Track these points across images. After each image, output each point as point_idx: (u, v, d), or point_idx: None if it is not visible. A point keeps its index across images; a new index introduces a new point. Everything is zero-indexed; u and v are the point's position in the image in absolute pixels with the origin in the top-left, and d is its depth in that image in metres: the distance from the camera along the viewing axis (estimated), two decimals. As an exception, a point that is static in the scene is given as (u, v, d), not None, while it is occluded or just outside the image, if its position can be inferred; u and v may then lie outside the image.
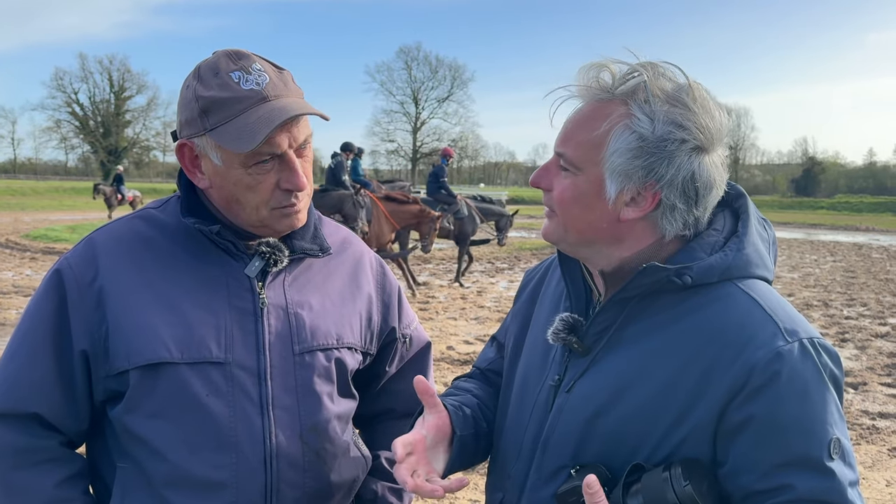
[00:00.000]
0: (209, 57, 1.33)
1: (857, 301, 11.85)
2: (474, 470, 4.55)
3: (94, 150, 76.38)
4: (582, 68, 1.18)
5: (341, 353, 1.45)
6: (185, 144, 1.34)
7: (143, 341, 1.29)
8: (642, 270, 1.13)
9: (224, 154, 1.29)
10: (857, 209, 57.22)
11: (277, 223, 1.36)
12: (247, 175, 1.30)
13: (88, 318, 1.31)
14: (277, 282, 1.41)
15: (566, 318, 1.25)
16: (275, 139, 1.28)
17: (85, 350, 1.32)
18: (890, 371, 7.24)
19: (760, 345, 1.07)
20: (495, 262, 16.49)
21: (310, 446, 1.39)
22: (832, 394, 1.09)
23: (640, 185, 1.14)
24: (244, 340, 1.34)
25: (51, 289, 1.33)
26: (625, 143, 1.12)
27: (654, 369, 1.13)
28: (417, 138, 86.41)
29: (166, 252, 1.37)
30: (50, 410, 1.33)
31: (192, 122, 1.30)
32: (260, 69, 1.30)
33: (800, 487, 1.04)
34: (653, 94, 1.12)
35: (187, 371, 1.30)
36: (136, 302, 1.32)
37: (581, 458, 1.18)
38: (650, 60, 1.17)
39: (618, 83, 1.15)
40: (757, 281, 1.17)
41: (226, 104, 1.26)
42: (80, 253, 1.36)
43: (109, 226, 1.43)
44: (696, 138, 1.12)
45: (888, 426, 5.61)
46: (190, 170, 1.36)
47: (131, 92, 78.20)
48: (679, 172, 1.13)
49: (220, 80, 1.27)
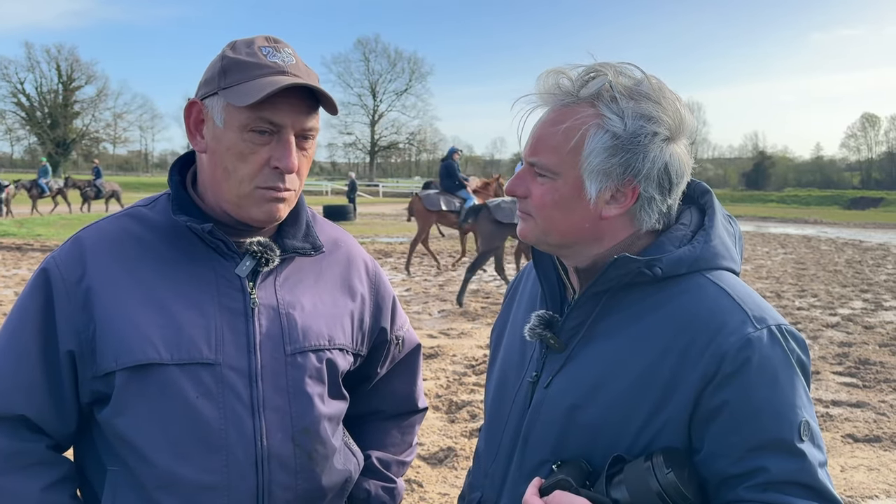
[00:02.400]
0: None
1: (808, 292, 12.20)
2: (442, 463, 4.57)
3: (42, 142, 73.97)
4: (541, 76, 1.21)
5: (333, 355, 1.44)
6: (194, 104, 1.36)
7: (132, 342, 1.27)
8: (613, 262, 1.16)
9: (227, 115, 1.30)
10: (805, 202, 58.76)
11: (257, 207, 1.34)
12: (241, 141, 1.29)
13: (75, 318, 1.29)
14: (268, 281, 1.39)
15: (542, 314, 1.27)
16: (280, 110, 1.29)
17: (72, 350, 1.29)
18: (841, 360, 7.48)
19: (731, 332, 1.11)
20: (456, 256, 16.51)
21: (302, 448, 1.38)
22: (800, 378, 1.13)
23: (619, 182, 1.17)
24: (235, 341, 1.33)
25: (37, 288, 1.31)
26: (600, 143, 1.15)
27: (630, 361, 1.16)
28: (375, 131, 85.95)
29: (156, 251, 1.35)
30: (37, 412, 1.30)
31: (209, 81, 1.33)
32: (290, 53, 1.35)
33: (773, 469, 1.08)
34: (618, 93, 1.15)
35: (177, 372, 1.28)
36: (124, 302, 1.30)
37: (561, 452, 1.21)
38: (604, 61, 1.20)
39: (579, 86, 1.18)
40: (724, 272, 1.21)
41: (246, 67, 1.30)
42: (67, 251, 1.34)
43: (97, 224, 1.40)
44: (667, 129, 1.17)
45: (840, 413, 5.80)
46: (192, 132, 1.37)
47: (80, 82, 76.12)
48: (654, 164, 1.17)
49: (249, 50, 1.33)
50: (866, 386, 6.60)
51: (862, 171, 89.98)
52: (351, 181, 32.18)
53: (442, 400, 5.84)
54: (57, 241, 16.66)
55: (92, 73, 76.99)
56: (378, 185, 59.13)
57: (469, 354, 7.38)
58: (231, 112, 1.30)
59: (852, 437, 5.29)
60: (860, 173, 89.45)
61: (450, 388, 6.18)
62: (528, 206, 1.23)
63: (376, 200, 48.46)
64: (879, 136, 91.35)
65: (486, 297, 10.91)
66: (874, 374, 6.92)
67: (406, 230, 23.51)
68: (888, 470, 4.71)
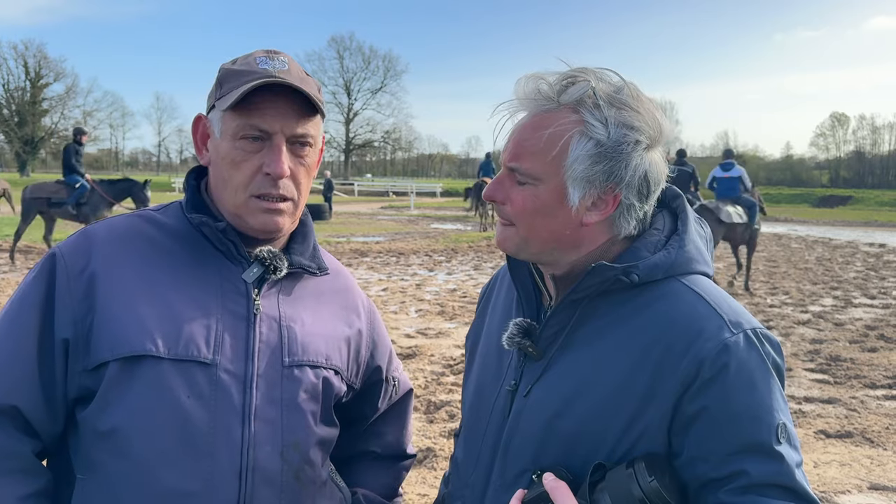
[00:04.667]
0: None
1: (780, 290, 12.39)
2: (422, 464, 4.57)
3: (9, 140, 72.56)
4: (519, 80, 1.20)
5: (329, 374, 1.42)
6: (200, 119, 1.39)
7: (130, 333, 1.25)
8: (591, 270, 1.16)
9: (223, 125, 1.32)
10: (775, 200, 59.52)
11: (254, 217, 1.33)
12: (234, 149, 1.31)
13: (74, 307, 1.27)
14: (272, 293, 1.38)
15: (520, 322, 1.26)
16: (268, 116, 1.29)
17: (66, 339, 1.27)
18: (813, 357, 7.61)
19: (708, 338, 1.12)
20: (433, 255, 16.52)
21: (289, 464, 1.34)
22: (776, 380, 1.14)
23: (601, 190, 1.17)
24: (234, 344, 1.31)
25: (41, 275, 1.30)
26: (584, 150, 1.15)
27: (608, 368, 1.16)
28: (350, 129, 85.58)
29: (163, 249, 1.35)
30: (30, 405, 1.26)
31: (210, 96, 1.37)
32: (284, 60, 1.35)
33: (752, 472, 1.09)
34: (601, 99, 1.15)
35: (170, 368, 1.25)
36: (126, 293, 1.28)
37: (541, 461, 1.20)
38: (583, 67, 1.20)
39: (559, 91, 1.17)
40: (699, 276, 1.22)
41: (237, 76, 1.32)
42: (74, 242, 1.34)
43: (107, 220, 1.41)
44: (648, 137, 1.17)
45: (813, 410, 5.90)
46: (199, 146, 1.40)
47: (48, 79, 74.85)
48: (636, 172, 1.17)
49: (245, 61, 1.35)
50: (837, 382, 6.72)
51: (831, 169, 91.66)
52: (327, 180, 32.03)
53: (420, 400, 5.83)
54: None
55: (60, 70, 75.80)
56: (353, 184, 58.91)
57: (447, 354, 7.37)
58: (225, 121, 1.31)
59: (824, 433, 5.38)
60: (829, 171, 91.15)
61: (428, 388, 6.17)
62: (508, 213, 1.22)
63: (351, 199, 48.31)
64: (848, 136, 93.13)
65: (462, 297, 10.92)
66: (845, 371, 7.05)
67: (382, 229, 23.47)
68: (860, 465, 4.80)
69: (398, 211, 36.44)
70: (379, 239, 19.71)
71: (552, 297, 1.28)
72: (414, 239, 20.24)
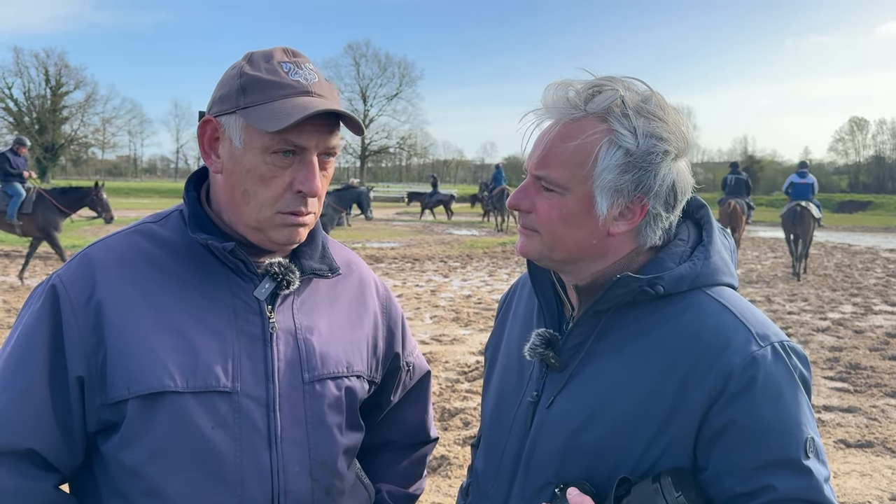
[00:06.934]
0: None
1: (799, 296, 12.25)
2: (436, 472, 4.55)
3: (30, 147, 73.40)
4: (548, 88, 1.19)
5: (351, 382, 1.39)
6: (209, 122, 1.29)
7: (145, 368, 1.20)
8: (616, 281, 1.15)
9: (247, 135, 1.23)
10: (794, 206, 59.06)
11: (277, 232, 1.28)
12: (263, 164, 1.23)
13: (85, 342, 1.21)
14: (286, 305, 1.33)
15: (542, 333, 1.25)
16: (305, 132, 1.23)
17: (81, 376, 1.22)
18: (832, 365, 7.51)
19: (735, 350, 1.10)
20: (448, 261, 16.51)
21: (319, 483, 1.31)
22: (803, 394, 1.13)
23: (629, 199, 1.16)
24: (253, 368, 1.26)
25: (44, 311, 1.23)
26: (613, 159, 1.14)
27: (633, 381, 1.15)
28: (366, 135, 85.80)
29: (169, 270, 1.28)
30: (45, 445, 1.22)
31: (226, 99, 1.26)
32: (312, 69, 1.29)
33: (781, 488, 1.07)
34: (630, 109, 1.14)
35: (191, 401, 1.21)
36: (137, 324, 1.22)
37: (564, 474, 1.19)
38: (609, 75, 1.19)
39: (586, 99, 1.16)
40: (724, 288, 1.20)
41: (268, 86, 1.23)
42: (75, 270, 1.27)
43: (106, 240, 1.33)
44: (675, 147, 1.16)
45: (832, 419, 5.82)
46: (206, 151, 1.30)
47: (68, 87, 75.41)
48: (664, 182, 1.16)
49: (269, 66, 1.25)
50: (857, 391, 6.63)
51: (850, 174, 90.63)
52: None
53: (435, 408, 5.80)
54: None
55: (80, 78, 76.42)
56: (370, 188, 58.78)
57: (462, 361, 7.36)
58: (252, 133, 1.23)
59: (844, 442, 5.31)
60: (848, 177, 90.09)
61: (442, 395, 6.16)
62: (532, 221, 1.21)
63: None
64: (867, 140, 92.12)
65: (478, 303, 10.90)
66: (865, 379, 6.96)
67: (397, 235, 23.50)
68: (880, 475, 4.73)
69: (413, 217, 36.48)
70: (394, 245, 19.74)
71: (574, 308, 1.27)
72: (429, 245, 20.26)
